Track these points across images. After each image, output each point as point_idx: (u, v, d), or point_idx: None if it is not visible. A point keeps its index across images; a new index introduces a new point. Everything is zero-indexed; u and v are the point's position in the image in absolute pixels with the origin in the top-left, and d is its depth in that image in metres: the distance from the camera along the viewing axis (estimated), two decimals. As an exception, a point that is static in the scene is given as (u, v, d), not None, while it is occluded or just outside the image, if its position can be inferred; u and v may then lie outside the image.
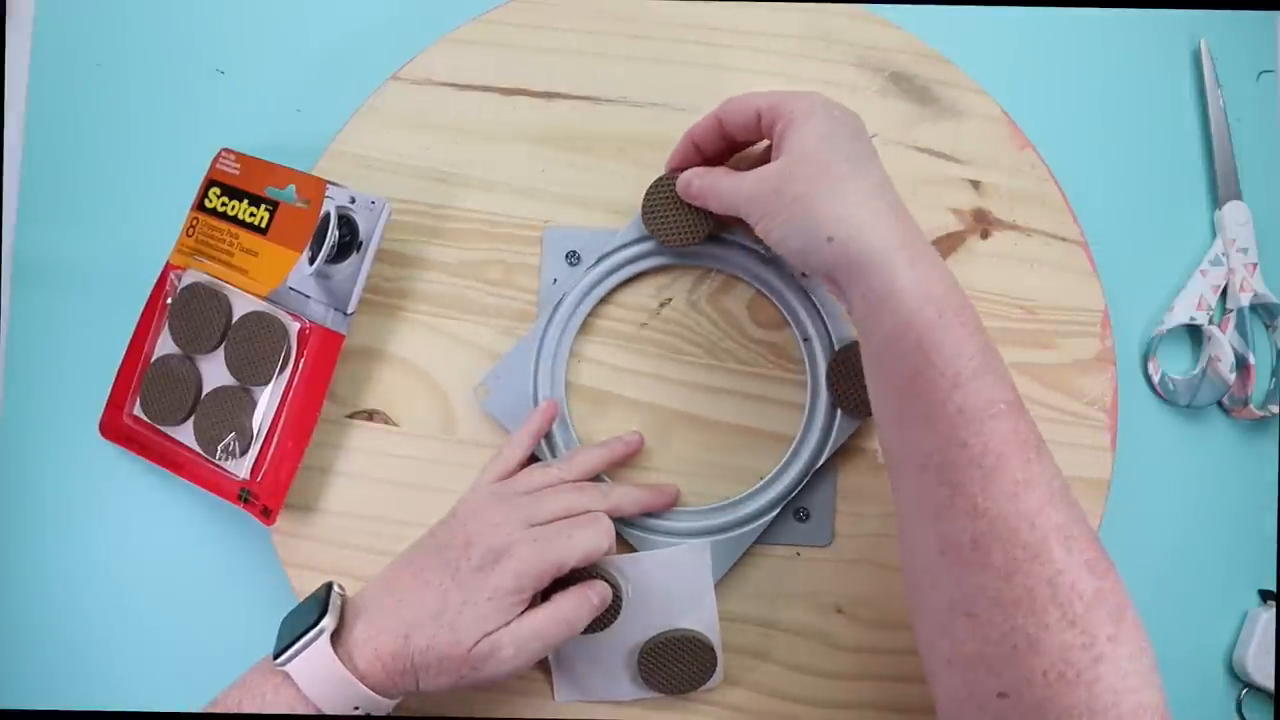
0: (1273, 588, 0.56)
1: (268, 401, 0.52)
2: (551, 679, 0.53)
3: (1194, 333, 0.58)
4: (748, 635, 0.53)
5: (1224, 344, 0.56)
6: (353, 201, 0.52)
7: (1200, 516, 0.57)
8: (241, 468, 0.52)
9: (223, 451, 0.53)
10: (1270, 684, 0.55)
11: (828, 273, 0.43)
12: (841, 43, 0.56)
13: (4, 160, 0.57)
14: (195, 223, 0.55)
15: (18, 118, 0.58)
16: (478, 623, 0.44)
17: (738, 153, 0.51)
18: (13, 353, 0.57)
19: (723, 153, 0.51)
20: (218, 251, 0.55)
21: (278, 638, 0.45)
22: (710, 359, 0.55)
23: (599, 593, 0.48)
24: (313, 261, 0.51)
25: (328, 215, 0.52)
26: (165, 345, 0.55)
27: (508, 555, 0.45)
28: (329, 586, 0.46)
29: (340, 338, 0.52)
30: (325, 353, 0.52)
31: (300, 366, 0.52)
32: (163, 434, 0.54)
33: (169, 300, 0.55)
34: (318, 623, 0.43)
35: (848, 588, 0.54)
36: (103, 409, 0.56)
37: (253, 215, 0.54)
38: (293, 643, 0.43)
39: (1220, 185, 0.58)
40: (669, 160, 0.52)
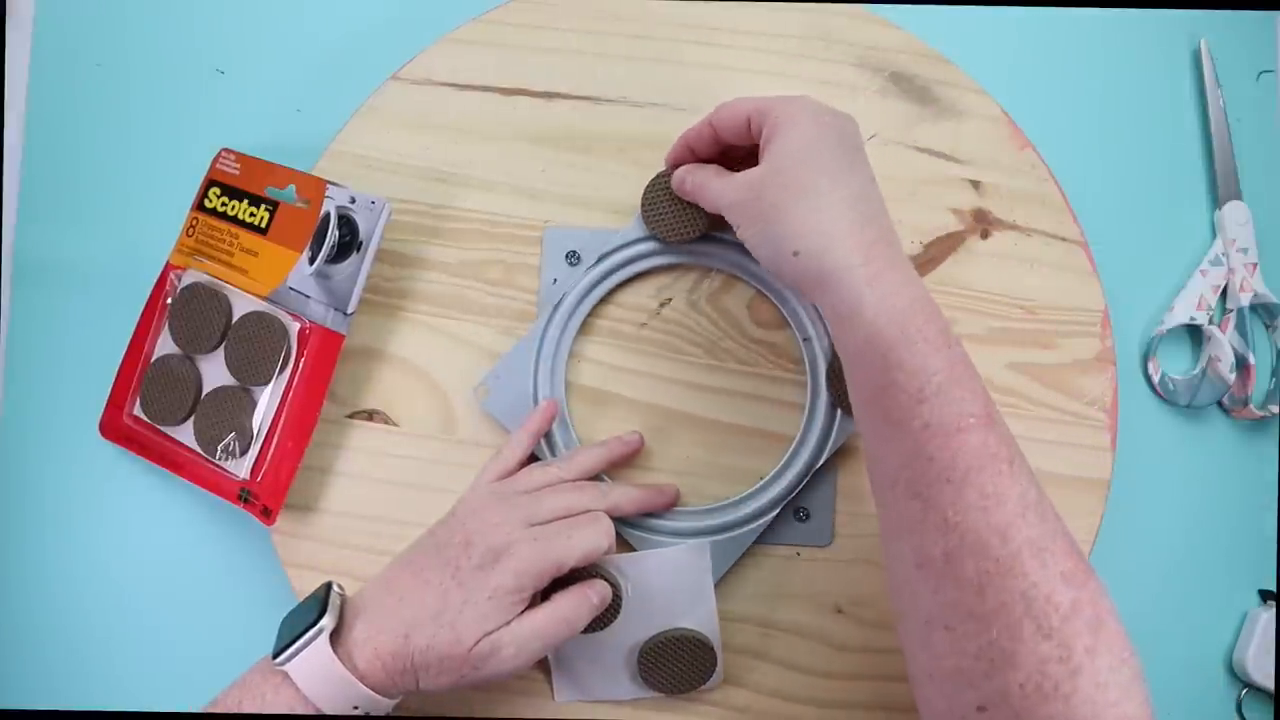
0: (1273, 588, 0.56)
1: (268, 401, 0.52)
2: (551, 679, 0.53)
3: (1194, 333, 0.58)
4: (747, 635, 0.53)
5: (1224, 344, 0.56)
6: (353, 201, 0.52)
7: (1200, 516, 0.57)
8: (241, 468, 0.52)
9: (223, 451, 0.53)
10: (1270, 684, 0.55)
11: (797, 284, 0.44)
12: (841, 43, 0.56)
13: (4, 160, 0.57)
14: (195, 223, 0.55)
15: (18, 118, 0.58)
16: (478, 622, 0.44)
17: (734, 155, 0.51)
18: (13, 353, 0.57)
19: (717, 156, 0.51)
20: (218, 251, 0.55)
21: (277, 637, 0.45)
22: (710, 359, 0.55)
23: (599, 592, 0.48)
24: (313, 261, 0.51)
25: (328, 215, 0.52)
26: (165, 345, 0.55)
27: (508, 554, 0.45)
28: (328, 586, 0.46)
29: (340, 338, 0.52)
30: (325, 353, 0.52)
31: (300, 366, 0.52)
32: (163, 434, 0.54)
33: (169, 300, 0.55)
34: (317, 622, 0.43)
35: (848, 588, 0.54)
36: (103, 409, 0.56)
37: (253, 215, 0.54)
38: (292, 642, 0.43)
39: (1220, 185, 0.58)
40: (666, 158, 0.52)
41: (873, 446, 0.42)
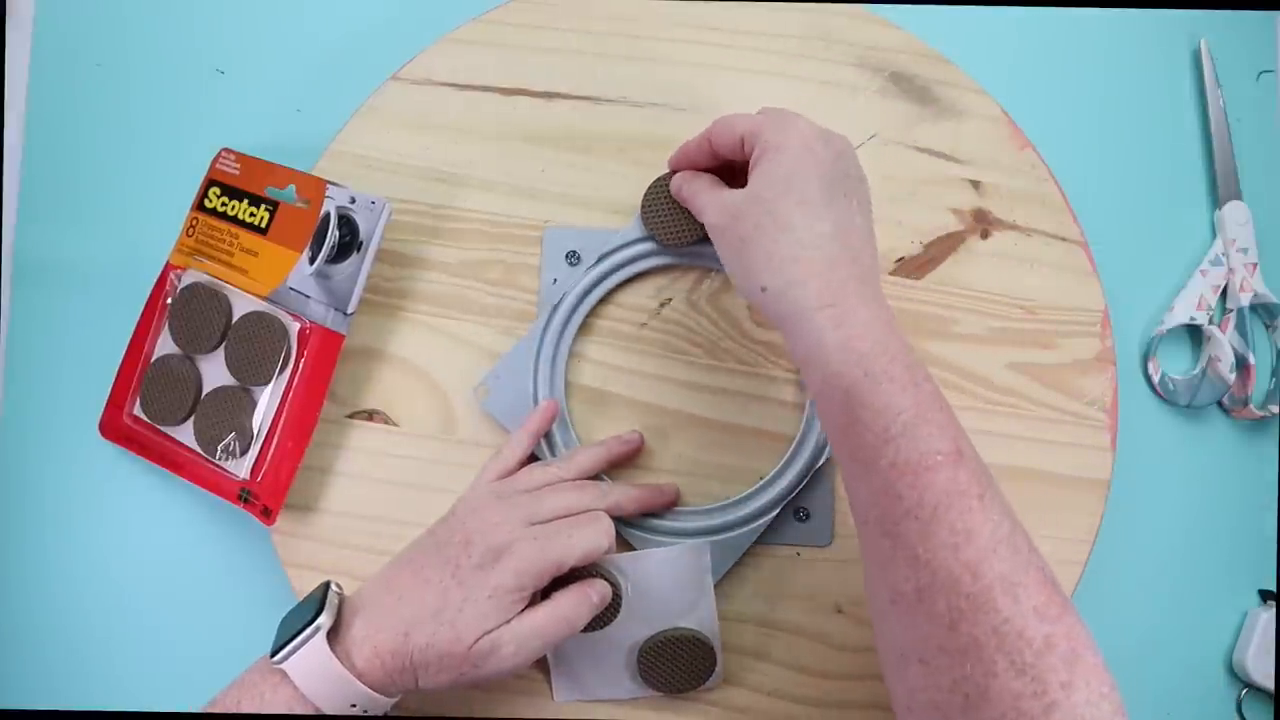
0: (1273, 588, 0.56)
1: (268, 401, 0.52)
2: (550, 678, 0.53)
3: (1194, 333, 0.58)
4: (747, 635, 0.53)
5: (1224, 344, 0.56)
6: (353, 201, 0.52)
7: (1200, 516, 0.57)
8: (241, 468, 0.52)
9: (223, 451, 0.53)
10: (1270, 684, 0.55)
11: (765, 317, 0.44)
12: (841, 43, 0.56)
13: (4, 160, 0.57)
14: (195, 223, 0.55)
15: (18, 118, 0.58)
16: (478, 620, 0.44)
17: (733, 168, 0.51)
18: (13, 353, 0.57)
19: (715, 167, 0.50)
20: (218, 251, 0.55)
21: (275, 637, 0.45)
22: (710, 359, 0.55)
23: (599, 591, 0.48)
24: (313, 261, 0.51)
25: (328, 215, 0.52)
26: (165, 345, 0.55)
27: (508, 553, 0.45)
28: (326, 585, 0.46)
29: (340, 338, 0.52)
30: (325, 353, 0.52)
31: (300, 366, 0.52)
32: (163, 434, 0.54)
33: (169, 300, 0.55)
34: (313, 620, 0.43)
35: (848, 588, 0.54)
36: (103, 409, 0.56)
37: (253, 215, 0.54)
38: (289, 641, 0.43)
39: (1220, 185, 0.58)
40: (669, 161, 0.52)
41: (846, 482, 0.42)
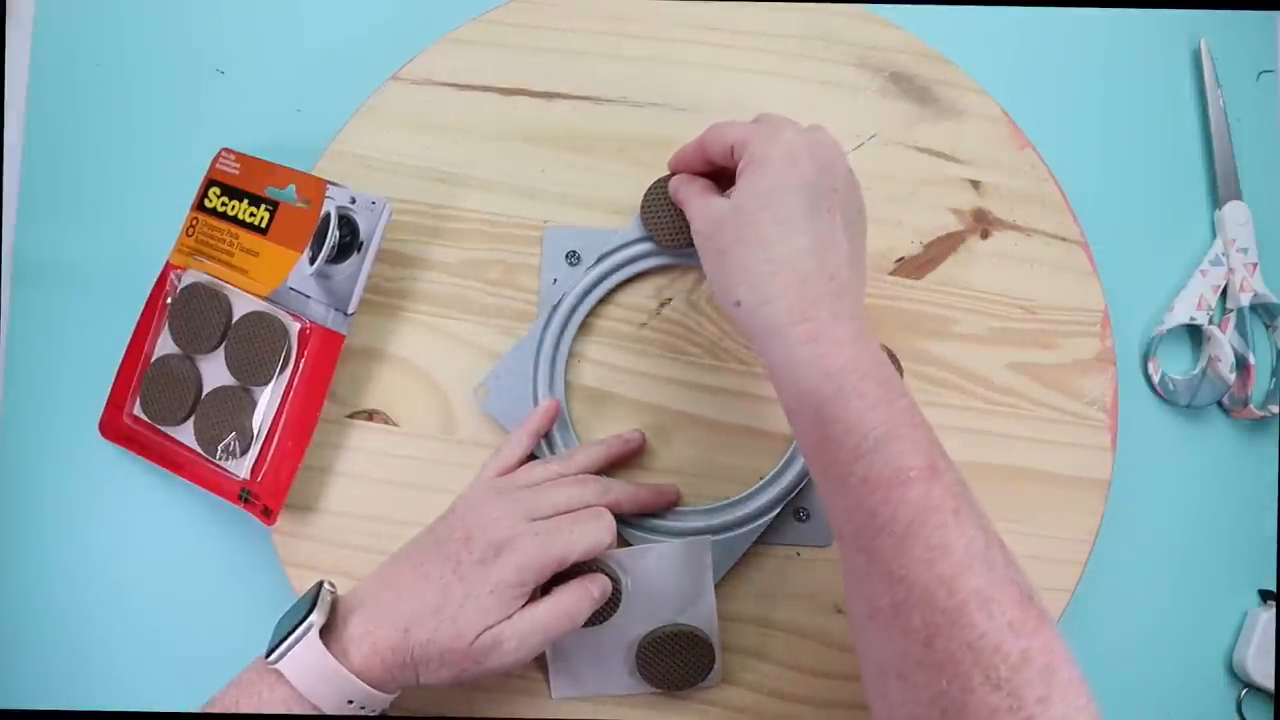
0: (1273, 588, 0.56)
1: (268, 401, 0.52)
2: (548, 675, 0.53)
3: (1194, 333, 0.58)
4: (747, 635, 0.53)
5: (1224, 344, 0.56)
6: (353, 201, 0.52)
7: (1200, 516, 0.57)
8: (242, 468, 0.52)
9: (223, 451, 0.53)
10: (1270, 684, 0.55)
11: (740, 330, 0.44)
12: (841, 43, 0.56)
13: (4, 160, 0.57)
14: (195, 223, 0.55)
15: (18, 118, 0.58)
16: (479, 616, 0.44)
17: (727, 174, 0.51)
18: (13, 353, 0.57)
19: (711, 173, 0.50)
20: (218, 251, 0.55)
21: (271, 637, 0.45)
22: (711, 359, 0.55)
23: (600, 586, 0.48)
24: (313, 261, 0.51)
25: (328, 215, 0.52)
26: (165, 345, 0.55)
27: (510, 549, 0.45)
28: (319, 584, 0.46)
29: (340, 338, 0.52)
30: (325, 353, 0.52)
31: (300, 366, 0.52)
32: (163, 434, 0.54)
33: (169, 300, 0.55)
34: (306, 619, 0.43)
35: (848, 588, 0.54)
36: (103, 409, 0.56)
37: (253, 215, 0.54)
38: (283, 640, 0.43)
39: (1220, 185, 0.58)
40: (668, 162, 0.52)
41: (822, 497, 0.43)
